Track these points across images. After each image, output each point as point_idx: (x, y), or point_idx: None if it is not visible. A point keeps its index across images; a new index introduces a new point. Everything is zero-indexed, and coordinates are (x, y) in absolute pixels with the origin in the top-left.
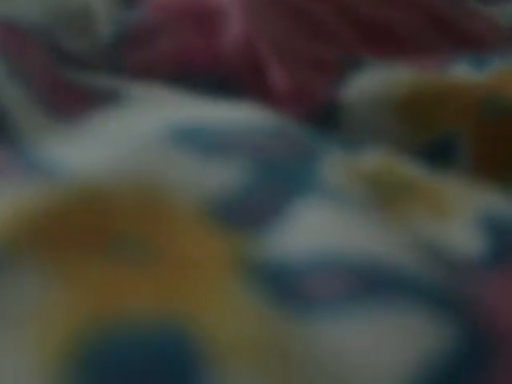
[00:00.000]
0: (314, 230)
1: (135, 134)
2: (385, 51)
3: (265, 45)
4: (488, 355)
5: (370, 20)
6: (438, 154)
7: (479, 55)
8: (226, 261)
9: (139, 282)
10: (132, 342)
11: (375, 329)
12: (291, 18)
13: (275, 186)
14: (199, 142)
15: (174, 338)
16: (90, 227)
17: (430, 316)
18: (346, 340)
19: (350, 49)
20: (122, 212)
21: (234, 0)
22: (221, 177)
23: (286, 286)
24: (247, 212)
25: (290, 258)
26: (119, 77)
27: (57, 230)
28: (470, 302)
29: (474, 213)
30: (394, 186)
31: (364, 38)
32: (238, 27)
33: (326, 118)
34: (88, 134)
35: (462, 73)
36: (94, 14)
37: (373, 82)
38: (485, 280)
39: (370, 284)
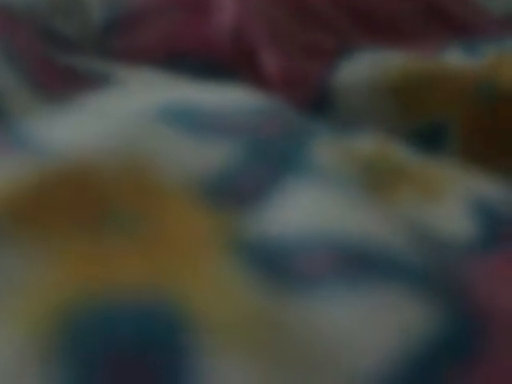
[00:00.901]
0: (304, 210)
1: (125, 113)
2: (378, 38)
3: (258, 29)
4: (475, 335)
5: (364, 7)
6: (430, 138)
7: (472, 41)
8: (217, 237)
9: (128, 256)
10: (121, 315)
11: (364, 307)
12: (285, 5)
13: (266, 165)
14: (190, 121)
15: (163, 312)
16: (79, 202)
17: (418, 296)
18: (336, 317)
19: (343, 35)
20: (112, 187)
21: None
22: (211, 155)
23: (277, 264)
24: (238, 190)
25: (281, 237)
26: (110, 61)
27: (44, 204)
28: (457, 283)
29: (464, 196)
30: (386, 169)
31: (358, 25)
32: (230, 12)
33: (318, 103)
34: (78, 113)
35: (455, 58)
36: None
37: (366, 67)
38: (474, 262)
39: (360, 264)
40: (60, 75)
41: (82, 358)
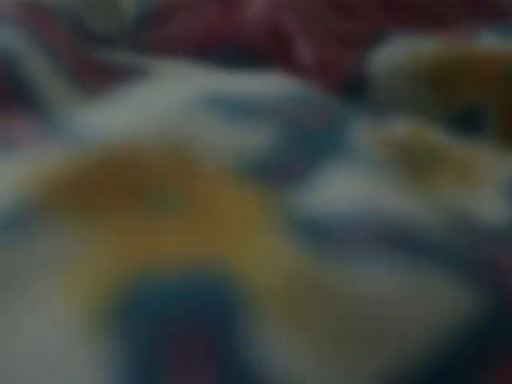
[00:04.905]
0: (345, 191)
1: (166, 102)
2: (410, 25)
3: (291, 18)
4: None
5: None
6: (467, 122)
7: (506, 25)
8: (261, 212)
9: (175, 233)
10: (171, 288)
11: (404, 282)
12: None
13: (305, 148)
14: (230, 108)
15: (212, 283)
16: (123, 184)
17: (457, 279)
18: (380, 289)
19: (376, 22)
20: (156, 168)
21: None
22: (251, 138)
23: (321, 236)
24: (278, 170)
25: (325, 214)
26: (144, 54)
27: (90, 187)
28: (494, 268)
29: (502, 181)
30: (423, 154)
31: (389, 11)
32: (262, 0)
33: (353, 90)
34: (117, 103)
35: (490, 42)
36: None
37: (400, 53)
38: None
39: (399, 242)
40: (96, 69)
41: (137, 334)
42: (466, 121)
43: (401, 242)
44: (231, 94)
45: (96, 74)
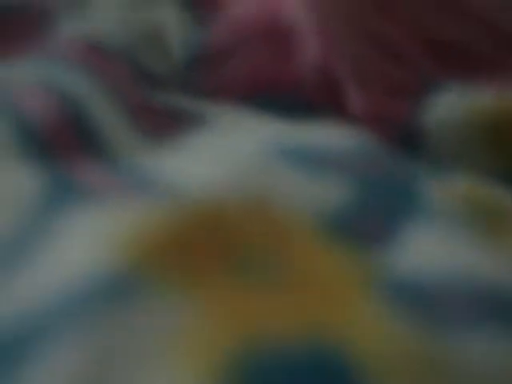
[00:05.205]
0: (428, 249)
1: (237, 153)
2: (461, 72)
3: (342, 66)
4: None
5: (444, 40)
6: None
7: None
8: (355, 275)
9: (274, 302)
10: (290, 361)
11: (504, 352)
12: (367, 40)
13: (383, 204)
14: (301, 159)
15: (324, 356)
16: (214, 246)
17: None
18: (483, 360)
19: (427, 71)
20: (242, 229)
21: (310, 18)
22: (328, 192)
23: (415, 301)
24: (360, 229)
25: (415, 275)
26: (196, 98)
27: (181, 249)
28: None
29: None
30: (492, 211)
31: (439, 59)
32: (315, 47)
33: (406, 143)
34: (186, 152)
35: None
36: (168, 34)
37: (454, 106)
38: None
39: (490, 307)
40: (155, 113)
41: None
42: None
43: (492, 305)
44: (298, 145)
45: (155, 118)
